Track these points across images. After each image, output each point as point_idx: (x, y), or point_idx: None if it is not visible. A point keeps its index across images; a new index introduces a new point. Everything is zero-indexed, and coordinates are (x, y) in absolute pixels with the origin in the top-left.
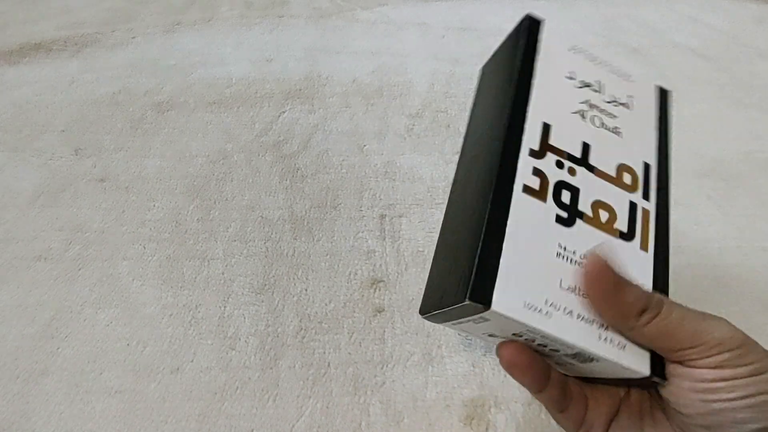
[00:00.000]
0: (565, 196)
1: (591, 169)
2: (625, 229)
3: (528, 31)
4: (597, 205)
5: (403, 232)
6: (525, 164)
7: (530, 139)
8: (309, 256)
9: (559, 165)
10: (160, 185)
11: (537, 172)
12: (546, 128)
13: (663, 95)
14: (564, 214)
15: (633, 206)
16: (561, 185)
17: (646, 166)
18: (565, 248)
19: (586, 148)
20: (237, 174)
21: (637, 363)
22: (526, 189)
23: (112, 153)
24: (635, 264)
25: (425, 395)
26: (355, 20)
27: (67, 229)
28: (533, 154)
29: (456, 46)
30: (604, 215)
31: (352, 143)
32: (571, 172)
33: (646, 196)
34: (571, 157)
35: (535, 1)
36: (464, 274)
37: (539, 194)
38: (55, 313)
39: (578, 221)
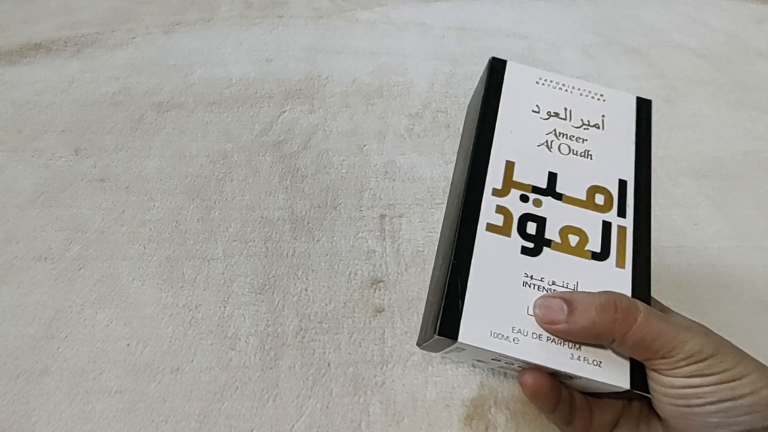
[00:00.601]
0: (531, 228)
1: (558, 197)
2: (597, 249)
3: (491, 72)
4: (566, 230)
5: (403, 232)
6: (488, 204)
7: (493, 178)
8: (309, 256)
9: (524, 199)
10: (160, 185)
11: (500, 209)
12: (509, 166)
13: (643, 106)
14: (530, 245)
15: (606, 226)
16: (526, 218)
17: (622, 183)
18: (531, 277)
19: (552, 177)
20: (237, 174)
21: (616, 378)
22: (490, 227)
23: (112, 153)
24: (611, 282)
25: (425, 395)
26: (355, 20)
27: (67, 229)
28: (496, 192)
29: (456, 46)
30: (573, 239)
31: (352, 143)
32: (537, 203)
33: (622, 213)
34: (536, 189)
35: (534, 1)
36: (437, 309)
37: (503, 230)
38: (55, 313)
39: (545, 249)
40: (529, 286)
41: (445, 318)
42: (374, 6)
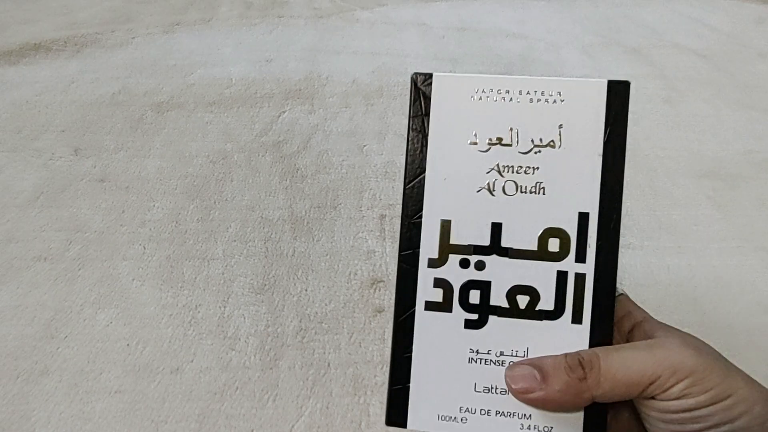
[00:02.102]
0: (474, 296)
1: (504, 252)
2: (550, 307)
3: (415, 94)
4: (514, 291)
5: None
6: (424, 278)
7: (428, 247)
8: (309, 256)
9: (464, 264)
10: (160, 185)
11: (438, 282)
12: (445, 226)
13: (617, 94)
14: (473, 317)
15: (562, 277)
16: (468, 286)
17: (583, 218)
18: (477, 351)
19: (496, 229)
20: (237, 174)
21: None
22: (429, 305)
23: (112, 153)
24: (566, 341)
25: None
26: (355, 21)
27: (66, 229)
28: (432, 263)
29: (455, 46)
30: (523, 300)
31: (352, 143)
32: (479, 266)
33: (581, 258)
34: (477, 249)
35: (535, 1)
36: (387, 398)
37: (443, 306)
38: (55, 313)
39: (491, 318)
40: (475, 362)
41: (391, 408)
42: (374, 6)
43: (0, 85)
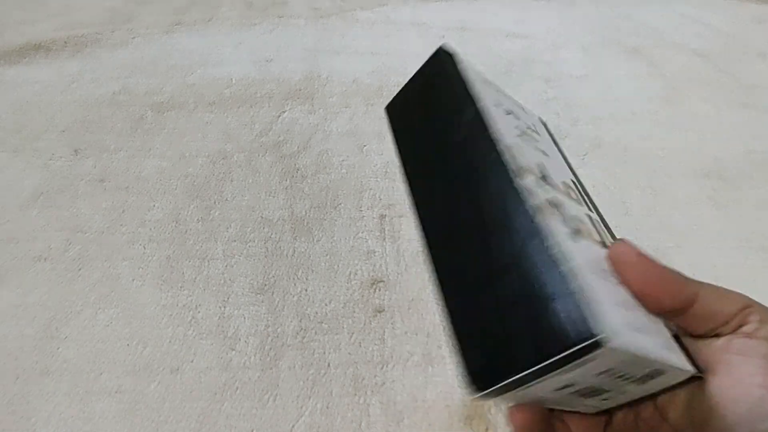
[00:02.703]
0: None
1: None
2: None
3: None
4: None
5: (403, 232)
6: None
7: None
8: (309, 256)
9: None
10: (160, 185)
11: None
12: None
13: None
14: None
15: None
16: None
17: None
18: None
19: (542, 168)
20: (237, 174)
21: (684, 363)
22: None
23: (112, 153)
24: None
25: (425, 395)
26: (355, 20)
27: (67, 230)
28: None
29: (456, 46)
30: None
31: (352, 143)
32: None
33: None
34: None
35: (535, 1)
36: (552, 314)
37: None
38: (55, 313)
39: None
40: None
41: (584, 317)
42: (374, 6)
43: (0, 85)
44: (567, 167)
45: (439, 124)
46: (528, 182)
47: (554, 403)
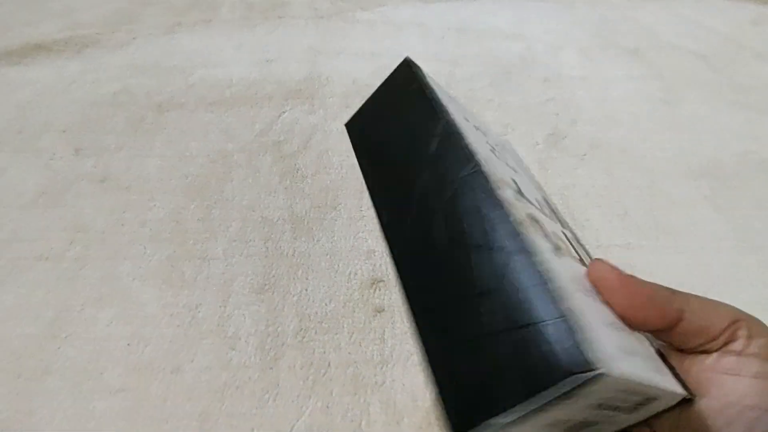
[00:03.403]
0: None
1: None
2: None
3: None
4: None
5: None
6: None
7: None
8: (309, 256)
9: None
10: (161, 185)
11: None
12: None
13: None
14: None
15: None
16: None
17: None
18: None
19: (517, 183)
20: (237, 174)
21: (675, 385)
22: (522, 224)
23: (112, 153)
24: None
25: (425, 395)
26: (355, 21)
27: (68, 229)
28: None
29: (456, 46)
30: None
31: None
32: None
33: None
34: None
35: (533, 2)
36: (541, 342)
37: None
38: (57, 312)
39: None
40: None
41: (579, 348)
42: (374, 7)
43: (1, 85)
44: (535, 186)
45: (408, 137)
46: (508, 195)
47: None
